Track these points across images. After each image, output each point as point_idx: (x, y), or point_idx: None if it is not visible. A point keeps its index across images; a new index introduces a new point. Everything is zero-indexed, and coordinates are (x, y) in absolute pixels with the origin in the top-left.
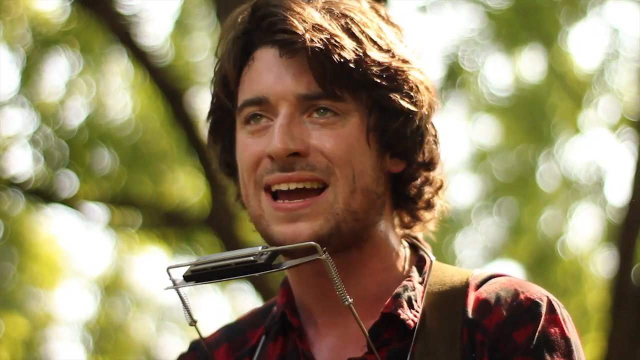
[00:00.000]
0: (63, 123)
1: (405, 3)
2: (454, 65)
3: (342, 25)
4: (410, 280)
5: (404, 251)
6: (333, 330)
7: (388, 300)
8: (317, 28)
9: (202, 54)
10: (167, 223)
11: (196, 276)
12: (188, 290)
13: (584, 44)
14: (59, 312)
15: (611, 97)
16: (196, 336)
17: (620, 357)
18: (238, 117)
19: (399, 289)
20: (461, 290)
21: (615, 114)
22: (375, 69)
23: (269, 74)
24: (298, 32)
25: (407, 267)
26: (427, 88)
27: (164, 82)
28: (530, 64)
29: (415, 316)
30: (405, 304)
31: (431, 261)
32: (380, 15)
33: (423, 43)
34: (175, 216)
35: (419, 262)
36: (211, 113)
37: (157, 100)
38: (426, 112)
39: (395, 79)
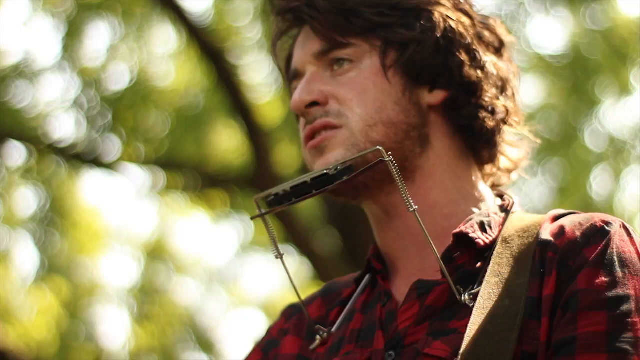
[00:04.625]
0: (106, 87)
1: None
2: None
3: None
4: (486, 211)
5: (485, 192)
6: (412, 268)
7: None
8: None
9: (245, 19)
10: (211, 185)
11: (278, 200)
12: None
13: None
14: (103, 278)
15: None
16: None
17: None
18: None
19: (472, 215)
20: (539, 221)
21: None
22: (373, 10)
23: (297, 50)
24: (294, 3)
25: (486, 205)
26: (445, 16)
27: (207, 44)
28: (574, 22)
29: (488, 239)
30: (476, 226)
31: (514, 202)
32: None
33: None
34: (219, 178)
35: (503, 202)
36: None
37: (201, 63)
38: (447, 37)
39: (397, 14)
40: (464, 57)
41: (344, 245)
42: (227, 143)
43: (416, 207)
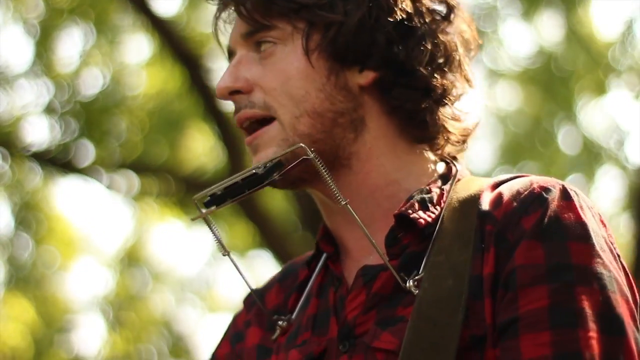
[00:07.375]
0: (79, 92)
1: None
2: None
3: None
4: (427, 186)
5: (428, 167)
6: (361, 249)
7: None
8: None
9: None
10: (186, 189)
11: (214, 200)
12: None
13: (604, 5)
14: (77, 284)
15: (632, 59)
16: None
17: None
18: None
19: (413, 194)
20: (480, 191)
21: (636, 76)
22: None
23: (232, 29)
24: None
25: (429, 179)
26: None
27: (180, 49)
28: (549, 27)
29: (430, 217)
30: (417, 205)
31: (457, 170)
32: None
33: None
34: (192, 182)
35: (446, 173)
36: None
37: (174, 67)
38: (373, 14)
39: None
40: (391, 35)
41: None
42: (201, 147)
43: (347, 200)
